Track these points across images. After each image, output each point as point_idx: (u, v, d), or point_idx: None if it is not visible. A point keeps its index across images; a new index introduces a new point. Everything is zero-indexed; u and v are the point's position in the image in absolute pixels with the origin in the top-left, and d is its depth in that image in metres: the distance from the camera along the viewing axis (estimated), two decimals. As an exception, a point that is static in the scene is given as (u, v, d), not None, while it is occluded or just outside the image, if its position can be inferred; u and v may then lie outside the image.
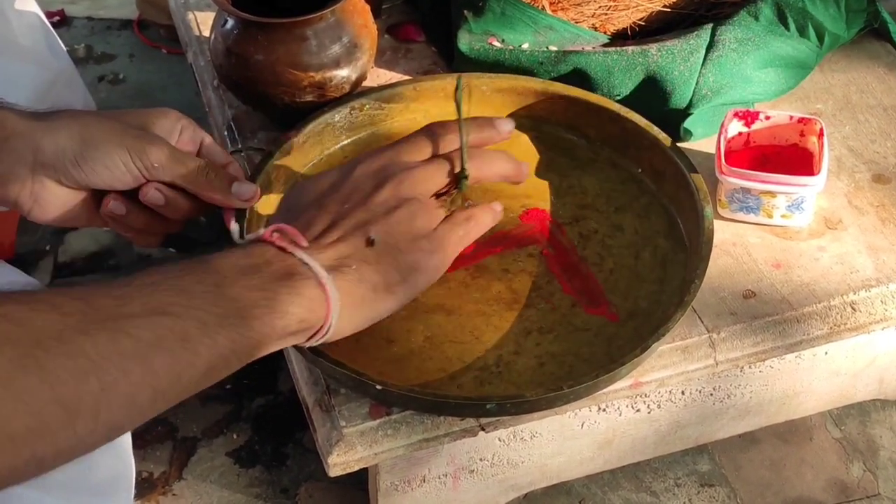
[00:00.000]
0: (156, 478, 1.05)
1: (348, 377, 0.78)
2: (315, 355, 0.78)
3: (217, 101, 1.10)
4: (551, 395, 0.78)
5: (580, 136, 1.01)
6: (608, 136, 1.00)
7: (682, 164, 0.93)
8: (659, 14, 1.09)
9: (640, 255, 0.91)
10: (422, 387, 0.81)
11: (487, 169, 0.81)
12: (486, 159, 0.81)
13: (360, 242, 0.71)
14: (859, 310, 0.90)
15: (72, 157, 0.76)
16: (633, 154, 0.98)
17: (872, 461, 1.05)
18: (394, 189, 0.75)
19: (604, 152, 1.00)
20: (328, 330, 0.69)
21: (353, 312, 0.71)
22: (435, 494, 0.92)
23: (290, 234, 0.69)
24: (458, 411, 0.80)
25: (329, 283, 0.67)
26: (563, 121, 1.01)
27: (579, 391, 0.79)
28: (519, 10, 1.07)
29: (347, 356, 0.82)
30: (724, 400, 0.96)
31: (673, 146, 0.95)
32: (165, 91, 1.58)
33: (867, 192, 0.99)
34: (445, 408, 0.80)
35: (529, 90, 1.01)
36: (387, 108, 1.01)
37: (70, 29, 1.71)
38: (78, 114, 0.79)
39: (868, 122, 1.07)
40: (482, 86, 1.02)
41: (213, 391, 1.13)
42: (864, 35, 1.15)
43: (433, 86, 1.01)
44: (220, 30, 0.99)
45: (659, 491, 1.03)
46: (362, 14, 1.01)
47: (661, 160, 0.95)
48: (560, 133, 1.02)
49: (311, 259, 0.68)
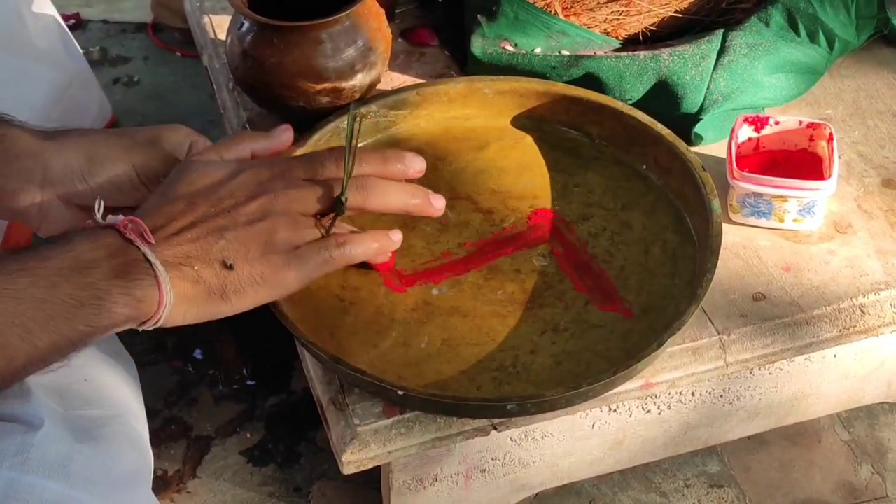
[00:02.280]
0: (170, 476, 1.06)
1: (370, 383, 0.79)
2: (335, 363, 0.79)
3: (232, 104, 1.12)
4: (571, 393, 0.79)
5: (583, 134, 1.02)
6: (611, 134, 1.01)
7: (687, 159, 0.94)
8: (670, 20, 1.10)
9: (649, 250, 0.92)
10: (441, 389, 0.82)
11: (378, 199, 0.82)
12: (379, 190, 0.82)
13: (209, 247, 0.74)
14: (868, 313, 0.91)
15: (79, 174, 0.78)
16: (638, 150, 0.99)
17: (881, 463, 1.06)
18: (266, 203, 0.77)
19: (608, 150, 1.01)
20: (157, 322, 0.72)
21: (186, 309, 0.73)
22: (447, 493, 0.93)
23: (140, 228, 0.72)
24: (479, 413, 0.81)
25: (165, 282, 0.71)
26: (565, 120, 1.03)
27: (597, 389, 0.80)
28: (532, 15, 1.08)
29: (366, 362, 0.83)
30: (733, 402, 0.97)
31: (679, 141, 0.95)
32: (179, 93, 1.59)
33: (877, 196, 1.00)
34: (467, 410, 0.81)
35: (531, 91, 1.02)
36: (392, 115, 1.02)
37: (85, 32, 1.73)
38: (87, 132, 0.81)
39: (878, 127, 1.08)
40: (484, 88, 1.03)
41: (227, 391, 1.14)
42: (874, 41, 1.16)
43: (437, 90, 1.03)
44: (236, 32, 1.00)
45: (669, 492, 1.03)
46: (377, 17, 1.02)
47: (666, 156, 0.96)
48: (563, 133, 1.03)
49: (153, 257, 0.71)
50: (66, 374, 0.83)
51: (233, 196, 0.76)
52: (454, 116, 1.04)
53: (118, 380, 0.89)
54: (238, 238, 0.75)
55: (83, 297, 0.67)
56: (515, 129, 1.04)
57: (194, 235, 0.74)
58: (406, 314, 0.88)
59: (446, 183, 0.98)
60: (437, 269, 0.92)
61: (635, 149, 0.99)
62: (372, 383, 0.79)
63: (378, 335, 0.86)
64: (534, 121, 1.03)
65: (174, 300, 0.72)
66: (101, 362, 0.89)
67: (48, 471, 0.67)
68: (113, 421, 0.80)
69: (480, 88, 1.03)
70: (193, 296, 0.73)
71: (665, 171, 0.97)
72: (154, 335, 1.19)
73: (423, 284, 0.90)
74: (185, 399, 1.13)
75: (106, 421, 0.79)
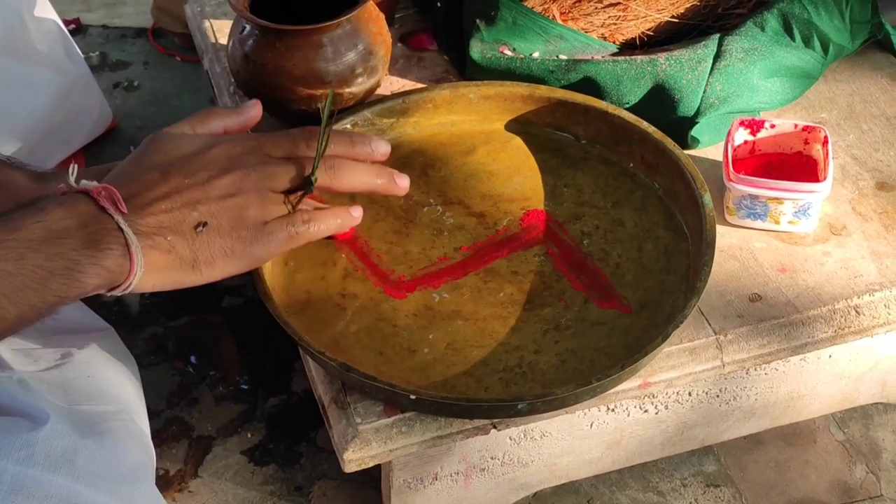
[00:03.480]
0: (172, 475, 1.06)
1: (381, 389, 0.80)
2: (346, 371, 0.80)
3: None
4: (581, 389, 0.80)
5: (569, 135, 1.03)
6: (597, 134, 1.02)
7: (674, 156, 0.95)
8: (667, 25, 1.11)
9: (642, 247, 0.94)
10: (450, 392, 0.83)
11: (346, 179, 0.84)
12: (347, 170, 0.84)
13: (183, 218, 0.75)
14: (863, 313, 0.92)
15: None
16: (624, 149, 1.01)
17: (875, 463, 1.07)
18: (238, 178, 0.78)
19: (594, 150, 1.02)
20: (126, 290, 0.73)
21: (155, 277, 0.74)
22: (447, 492, 0.94)
23: (114, 197, 0.72)
24: (490, 414, 0.82)
25: (137, 252, 0.72)
26: (551, 122, 1.04)
27: (606, 384, 0.81)
28: (530, 20, 1.09)
29: (374, 369, 0.84)
30: (730, 402, 0.98)
31: (665, 139, 0.97)
32: (180, 98, 1.60)
33: (871, 199, 1.01)
34: (478, 411, 0.82)
35: (516, 95, 1.04)
36: (379, 123, 1.03)
37: (85, 37, 1.73)
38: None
39: (871, 131, 1.09)
40: (469, 94, 1.04)
41: (228, 391, 1.14)
42: (867, 46, 1.17)
43: (422, 98, 1.04)
44: (237, 36, 1.01)
45: (666, 491, 1.04)
46: (377, 22, 1.03)
47: (653, 153, 0.98)
48: (549, 134, 1.04)
49: (126, 226, 0.72)
50: (69, 370, 0.84)
51: (206, 169, 0.78)
52: (440, 123, 1.05)
53: (120, 377, 0.90)
54: (210, 211, 0.76)
55: (53, 267, 0.68)
56: (502, 133, 1.05)
57: (168, 206, 0.75)
58: (408, 320, 0.89)
59: (437, 189, 0.99)
60: (435, 273, 0.93)
61: (622, 147, 1.01)
62: (384, 389, 0.80)
63: (382, 342, 0.87)
64: (520, 124, 1.05)
65: (144, 269, 0.73)
66: (104, 360, 0.90)
67: (54, 465, 0.68)
68: (116, 416, 0.81)
69: (465, 94, 1.04)
70: (164, 265, 0.74)
71: (653, 169, 0.98)
72: (155, 337, 1.20)
73: (423, 290, 0.91)
74: (186, 399, 1.14)
75: (109, 416, 0.80)
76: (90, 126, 1.45)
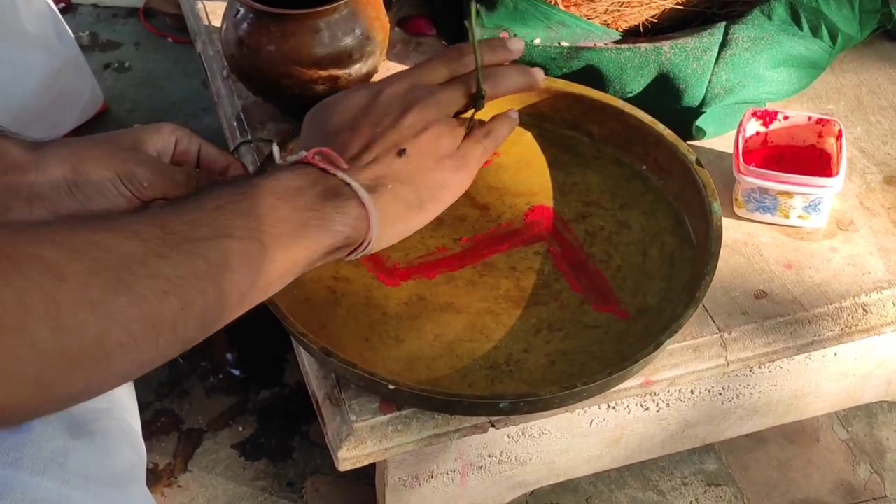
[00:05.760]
0: (161, 469, 1.04)
1: (360, 377, 0.78)
2: (326, 355, 0.78)
3: (226, 92, 1.10)
4: (564, 393, 0.78)
5: (583, 133, 1.01)
6: (611, 133, 0.99)
7: (688, 161, 0.92)
8: (671, 11, 1.09)
9: (647, 252, 0.91)
10: (433, 386, 0.81)
11: (503, 85, 0.85)
12: (500, 77, 0.84)
13: (392, 162, 0.75)
14: (871, 311, 0.90)
15: (66, 186, 0.78)
16: (638, 151, 0.98)
17: (879, 463, 1.05)
18: (420, 112, 0.78)
19: (607, 149, 1.00)
20: (367, 245, 0.73)
21: (389, 228, 0.75)
22: (442, 490, 0.92)
23: (330, 156, 0.73)
24: (470, 410, 0.80)
25: (369, 202, 0.72)
26: (566, 118, 1.01)
27: (592, 389, 0.79)
28: (532, 6, 1.06)
29: (357, 356, 0.81)
30: (732, 400, 0.96)
31: (679, 142, 0.94)
32: (171, 80, 1.57)
33: (879, 193, 0.99)
34: (458, 407, 0.80)
35: None
36: None
37: (75, 16, 1.71)
38: (70, 142, 0.80)
39: (880, 123, 1.07)
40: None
41: (219, 383, 1.12)
42: (876, 36, 1.15)
43: None
44: (231, 19, 0.99)
45: (666, 490, 1.03)
46: (375, 7, 1.01)
47: (667, 157, 0.95)
48: (563, 130, 1.01)
49: (352, 179, 0.72)
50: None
51: (388, 113, 0.78)
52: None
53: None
54: (414, 150, 0.76)
55: (305, 217, 0.68)
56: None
57: (373, 156, 0.75)
58: (399, 308, 0.87)
59: None
60: (431, 263, 0.91)
61: (635, 149, 0.98)
62: (363, 377, 0.78)
63: (370, 329, 0.85)
64: (534, 117, 1.02)
65: (379, 221, 0.73)
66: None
67: (43, 468, 0.66)
68: (107, 415, 0.79)
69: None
70: (395, 213, 0.75)
71: (665, 173, 0.96)
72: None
73: (417, 279, 0.89)
74: (176, 391, 1.12)
75: (100, 414, 0.78)
76: (81, 108, 1.43)
